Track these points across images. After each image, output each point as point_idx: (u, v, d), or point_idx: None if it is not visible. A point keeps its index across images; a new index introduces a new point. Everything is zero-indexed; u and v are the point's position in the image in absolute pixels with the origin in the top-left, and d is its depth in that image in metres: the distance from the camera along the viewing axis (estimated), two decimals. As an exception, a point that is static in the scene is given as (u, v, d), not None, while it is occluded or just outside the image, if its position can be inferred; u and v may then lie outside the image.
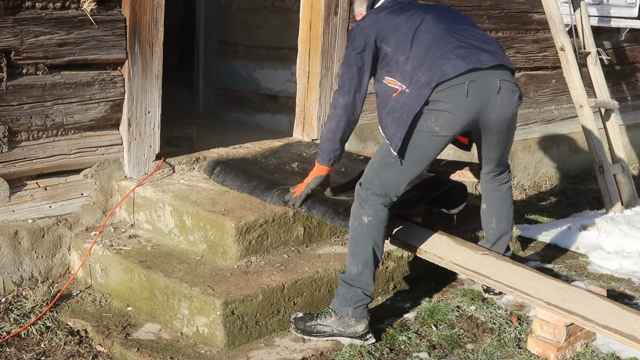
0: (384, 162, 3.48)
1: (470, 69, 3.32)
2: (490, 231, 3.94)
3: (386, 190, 3.45)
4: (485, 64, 3.36)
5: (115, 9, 3.98)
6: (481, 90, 3.35)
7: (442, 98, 3.32)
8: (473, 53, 3.37)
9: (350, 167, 4.33)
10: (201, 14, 6.13)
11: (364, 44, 3.53)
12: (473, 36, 3.47)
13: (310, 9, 4.83)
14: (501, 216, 3.91)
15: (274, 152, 4.63)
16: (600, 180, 5.54)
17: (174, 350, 3.36)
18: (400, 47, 3.46)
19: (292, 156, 4.57)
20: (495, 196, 3.90)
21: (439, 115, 3.33)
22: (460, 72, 3.30)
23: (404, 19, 3.49)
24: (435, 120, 3.33)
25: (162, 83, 4.22)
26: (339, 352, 3.40)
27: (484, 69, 3.35)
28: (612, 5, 6.72)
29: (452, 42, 3.39)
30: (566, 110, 6.76)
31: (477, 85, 3.33)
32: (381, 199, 3.45)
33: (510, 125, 3.57)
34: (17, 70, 3.73)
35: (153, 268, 3.67)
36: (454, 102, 3.32)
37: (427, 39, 3.41)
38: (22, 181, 3.93)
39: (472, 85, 3.32)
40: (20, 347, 3.42)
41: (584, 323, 3.29)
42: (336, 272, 3.75)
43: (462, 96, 3.31)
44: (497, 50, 3.48)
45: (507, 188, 3.90)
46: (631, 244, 4.83)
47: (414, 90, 3.35)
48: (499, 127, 3.51)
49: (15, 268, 3.84)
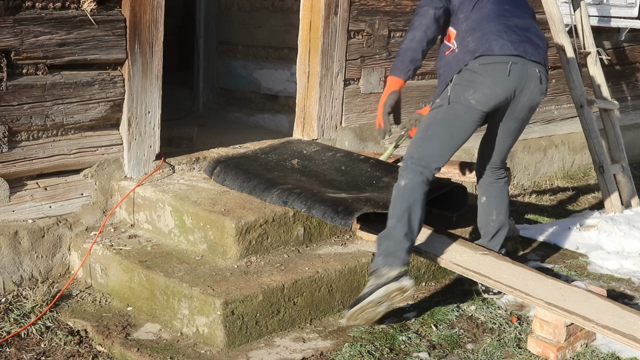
0: (424, 136, 3.58)
1: (515, 54, 3.49)
2: (490, 224, 3.99)
3: (426, 162, 3.53)
4: (530, 56, 3.55)
5: (115, 9, 3.98)
6: (521, 73, 3.52)
7: (483, 72, 3.47)
8: (523, 42, 3.54)
9: (351, 166, 4.33)
10: (201, 14, 6.13)
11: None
12: (528, 28, 3.63)
13: (310, 9, 4.83)
14: (501, 208, 3.99)
15: (274, 148, 4.64)
16: (600, 180, 5.54)
17: (174, 350, 3.36)
18: (464, 4, 3.62)
19: (293, 153, 4.57)
20: (495, 188, 3.98)
21: (476, 89, 3.48)
22: (505, 53, 3.48)
23: None
24: (473, 94, 3.50)
25: (162, 83, 4.22)
26: (339, 352, 3.40)
27: (526, 59, 3.53)
28: (612, 5, 6.72)
29: (508, 25, 3.57)
30: (566, 110, 6.77)
31: (518, 67, 3.51)
32: (420, 168, 3.52)
33: (530, 115, 3.74)
34: (17, 70, 3.73)
35: (153, 268, 3.67)
36: (494, 79, 3.48)
37: (488, 9, 3.60)
38: (22, 181, 3.93)
39: (514, 67, 3.50)
40: (20, 347, 3.42)
41: (584, 323, 3.29)
42: (336, 272, 3.75)
43: (503, 74, 3.48)
44: (543, 48, 3.64)
45: (505, 182, 4.01)
46: (631, 244, 4.83)
47: (460, 53, 3.55)
48: (523, 113, 3.67)
49: (15, 268, 3.84)
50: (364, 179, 4.19)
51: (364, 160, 4.38)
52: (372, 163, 4.34)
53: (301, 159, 4.46)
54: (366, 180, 4.17)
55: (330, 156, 4.48)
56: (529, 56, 3.52)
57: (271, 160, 4.44)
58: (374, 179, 4.18)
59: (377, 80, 5.30)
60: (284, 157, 4.49)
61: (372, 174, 4.23)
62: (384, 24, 5.23)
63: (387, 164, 4.35)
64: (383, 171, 4.24)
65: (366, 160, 4.38)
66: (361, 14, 5.07)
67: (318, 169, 4.34)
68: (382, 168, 4.28)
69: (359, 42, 5.12)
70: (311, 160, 4.46)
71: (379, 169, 4.27)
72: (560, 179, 6.53)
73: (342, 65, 5.00)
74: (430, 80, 5.74)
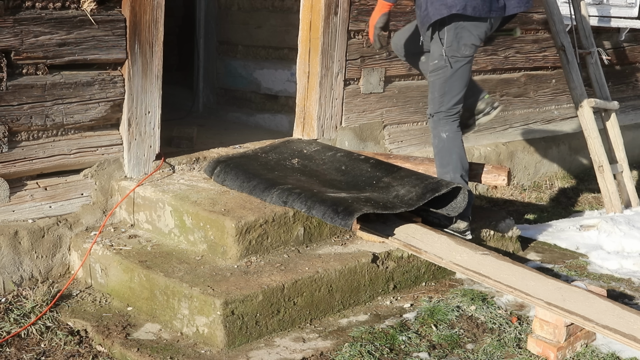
0: (442, 92, 4.10)
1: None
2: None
3: (454, 110, 4.14)
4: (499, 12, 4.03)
5: (115, 9, 3.98)
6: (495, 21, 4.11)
7: (468, 28, 3.99)
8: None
9: (351, 166, 4.33)
10: (201, 14, 6.13)
11: None
12: None
13: (310, 9, 4.83)
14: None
15: (274, 147, 4.64)
16: (600, 180, 5.54)
17: (174, 350, 3.36)
18: None
19: (293, 152, 4.57)
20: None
21: (466, 42, 4.01)
22: (480, 15, 3.93)
23: None
24: (465, 47, 4.01)
25: (162, 83, 4.22)
26: (339, 352, 3.40)
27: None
28: (612, 5, 6.72)
29: None
30: (566, 110, 6.77)
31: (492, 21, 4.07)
32: (452, 117, 4.14)
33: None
34: (17, 70, 3.73)
35: (153, 268, 3.67)
36: (477, 31, 4.02)
37: None
38: (22, 181, 3.93)
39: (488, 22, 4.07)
40: (20, 347, 3.42)
41: (584, 323, 3.29)
42: (336, 272, 3.75)
43: (483, 27, 4.04)
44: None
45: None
46: (631, 244, 4.83)
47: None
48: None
49: (15, 268, 3.84)
50: (364, 179, 4.20)
51: (364, 160, 4.38)
52: (372, 163, 4.34)
53: (301, 158, 4.46)
54: (366, 180, 4.18)
55: (330, 156, 4.48)
56: (499, 13, 4.00)
57: (271, 160, 4.44)
58: (374, 179, 4.18)
59: (377, 80, 5.30)
60: (284, 157, 4.49)
61: (372, 174, 4.23)
62: (384, 24, 5.23)
63: (387, 164, 4.35)
64: (383, 171, 4.24)
65: (366, 160, 4.38)
66: (361, 14, 5.07)
67: (318, 169, 4.34)
68: (382, 168, 4.28)
69: (359, 42, 5.12)
70: (311, 159, 4.46)
71: (379, 169, 4.27)
72: (560, 179, 6.53)
73: (342, 65, 4.99)
74: (430, 80, 5.74)
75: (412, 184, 4.07)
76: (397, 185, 4.09)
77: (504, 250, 4.59)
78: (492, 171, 4.34)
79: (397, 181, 4.12)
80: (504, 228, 4.65)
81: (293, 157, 4.48)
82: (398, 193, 4.01)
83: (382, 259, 3.95)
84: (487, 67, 6.09)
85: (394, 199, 3.96)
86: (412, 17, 5.38)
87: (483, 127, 6.11)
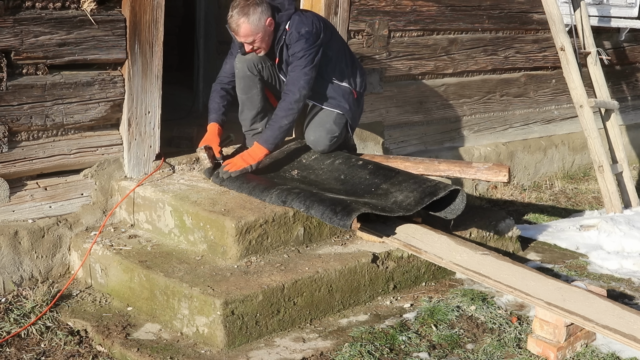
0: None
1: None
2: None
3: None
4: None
5: (115, 9, 3.98)
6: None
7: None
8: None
9: (350, 174, 4.27)
10: (201, 14, 6.13)
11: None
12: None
13: (311, 9, 4.82)
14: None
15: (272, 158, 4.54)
16: (600, 180, 5.54)
17: (174, 350, 3.36)
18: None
19: (292, 163, 4.46)
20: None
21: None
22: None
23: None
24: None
25: (162, 83, 4.22)
26: (339, 352, 3.40)
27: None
28: (612, 5, 6.72)
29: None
30: (566, 110, 6.76)
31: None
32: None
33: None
34: (17, 70, 3.73)
35: (153, 268, 3.67)
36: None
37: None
38: (22, 181, 3.93)
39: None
40: (20, 347, 3.42)
41: (584, 323, 3.29)
42: (336, 272, 3.75)
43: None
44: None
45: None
46: (631, 244, 4.83)
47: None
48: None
49: (15, 268, 3.84)
50: (363, 187, 4.16)
51: (362, 166, 4.31)
52: (370, 169, 4.28)
53: (301, 169, 4.39)
54: (365, 189, 4.14)
55: (328, 164, 4.40)
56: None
57: (271, 172, 4.37)
58: (372, 186, 4.15)
59: (377, 80, 5.30)
60: (284, 169, 4.40)
61: (370, 181, 4.20)
62: (384, 24, 5.23)
63: (385, 168, 4.30)
64: (381, 177, 4.21)
65: (365, 166, 4.31)
66: (361, 14, 5.07)
67: (318, 179, 4.29)
68: (380, 174, 4.23)
69: (359, 42, 5.12)
70: (311, 169, 4.39)
71: (378, 176, 4.23)
72: (560, 179, 6.53)
73: (342, 65, 4.98)
74: (430, 80, 5.74)
75: (410, 189, 4.05)
76: (395, 191, 4.07)
77: (504, 250, 4.59)
78: (493, 167, 4.33)
79: (395, 187, 4.10)
80: (504, 228, 4.64)
81: (292, 168, 4.41)
82: (396, 199, 4.00)
83: (382, 259, 3.95)
84: (487, 67, 6.09)
85: (393, 204, 3.96)
86: (413, 17, 5.40)
87: (483, 127, 6.13)
